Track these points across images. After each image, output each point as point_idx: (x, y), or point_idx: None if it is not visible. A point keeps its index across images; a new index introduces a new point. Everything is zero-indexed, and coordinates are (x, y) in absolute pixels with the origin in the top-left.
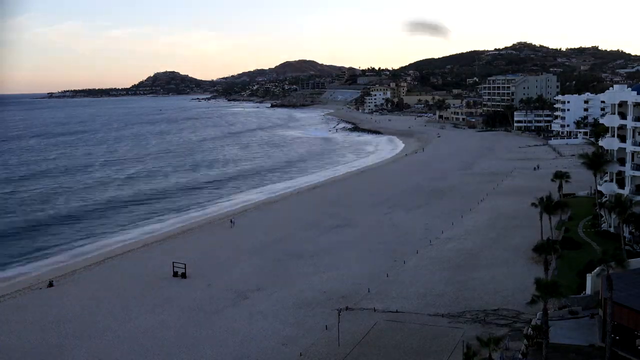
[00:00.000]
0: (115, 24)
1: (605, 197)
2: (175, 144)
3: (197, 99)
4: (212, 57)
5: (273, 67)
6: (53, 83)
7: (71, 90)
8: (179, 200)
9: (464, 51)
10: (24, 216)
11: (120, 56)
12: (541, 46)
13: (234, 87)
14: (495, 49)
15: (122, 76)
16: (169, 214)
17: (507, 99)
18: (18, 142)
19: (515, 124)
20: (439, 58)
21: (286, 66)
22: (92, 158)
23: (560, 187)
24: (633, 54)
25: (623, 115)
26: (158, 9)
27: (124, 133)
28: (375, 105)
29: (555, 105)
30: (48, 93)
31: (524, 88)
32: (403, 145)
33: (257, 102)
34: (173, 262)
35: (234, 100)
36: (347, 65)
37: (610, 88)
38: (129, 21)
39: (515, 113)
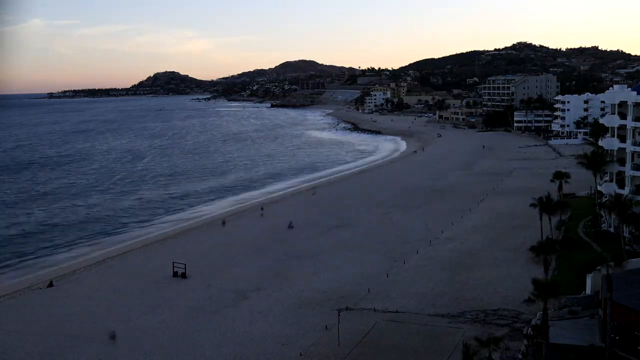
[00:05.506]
0: (92, 22)
1: (605, 197)
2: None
3: (197, 99)
4: (212, 57)
5: (273, 67)
6: (51, 83)
7: (71, 91)
8: (178, 200)
9: (464, 51)
10: (24, 216)
11: (119, 56)
12: (541, 46)
13: (234, 87)
14: (495, 49)
15: (122, 76)
16: (169, 213)
17: (507, 99)
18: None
19: (515, 124)
20: (439, 58)
21: (286, 66)
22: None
23: (560, 187)
24: (633, 54)
25: (623, 116)
26: (154, 7)
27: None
28: (375, 106)
29: (555, 106)
30: (48, 93)
31: (524, 88)
32: (403, 145)
33: (257, 102)
34: (173, 262)
35: (234, 100)
36: (347, 65)
37: (610, 88)
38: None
39: (515, 113)
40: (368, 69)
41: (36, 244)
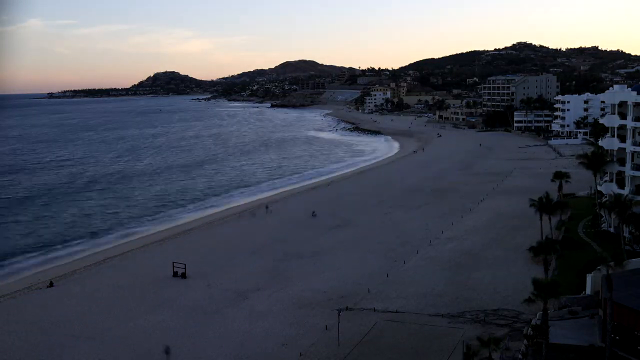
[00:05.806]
0: (92, 22)
1: (605, 197)
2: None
3: (197, 99)
4: (211, 57)
5: (273, 67)
6: (51, 83)
7: (71, 91)
8: (178, 200)
9: (464, 51)
10: (24, 216)
11: (119, 56)
12: (541, 46)
13: (234, 87)
14: (495, 49)
15: (122, 76)
16: (170, 213)
17: (507, 99)
18: None
19: (515, 124)
20: (439, 58)
21: (286, 66)
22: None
23: (560, 187)
24: (633, 54)
25: (623, 116)
26: (154, 7)
27: None
28: (375, 106)
29: (555, 105)
30: (48, 93)
31: (524, 88)
32: (403, 145)
33: (257, 102)
34: (173, 262)
35: (234, 100)
36: (347, 65)
37: (610, 88)
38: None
39: (515, 113)
40: (368, 69)
41: (36, 244)
